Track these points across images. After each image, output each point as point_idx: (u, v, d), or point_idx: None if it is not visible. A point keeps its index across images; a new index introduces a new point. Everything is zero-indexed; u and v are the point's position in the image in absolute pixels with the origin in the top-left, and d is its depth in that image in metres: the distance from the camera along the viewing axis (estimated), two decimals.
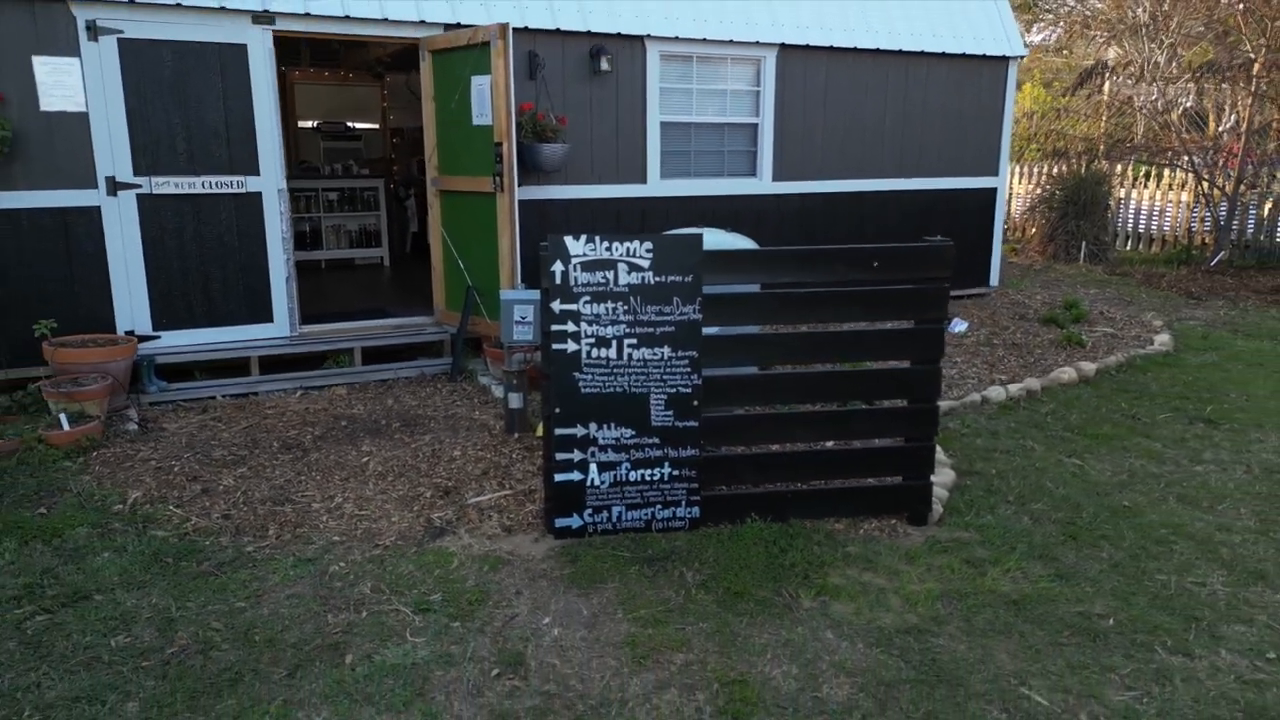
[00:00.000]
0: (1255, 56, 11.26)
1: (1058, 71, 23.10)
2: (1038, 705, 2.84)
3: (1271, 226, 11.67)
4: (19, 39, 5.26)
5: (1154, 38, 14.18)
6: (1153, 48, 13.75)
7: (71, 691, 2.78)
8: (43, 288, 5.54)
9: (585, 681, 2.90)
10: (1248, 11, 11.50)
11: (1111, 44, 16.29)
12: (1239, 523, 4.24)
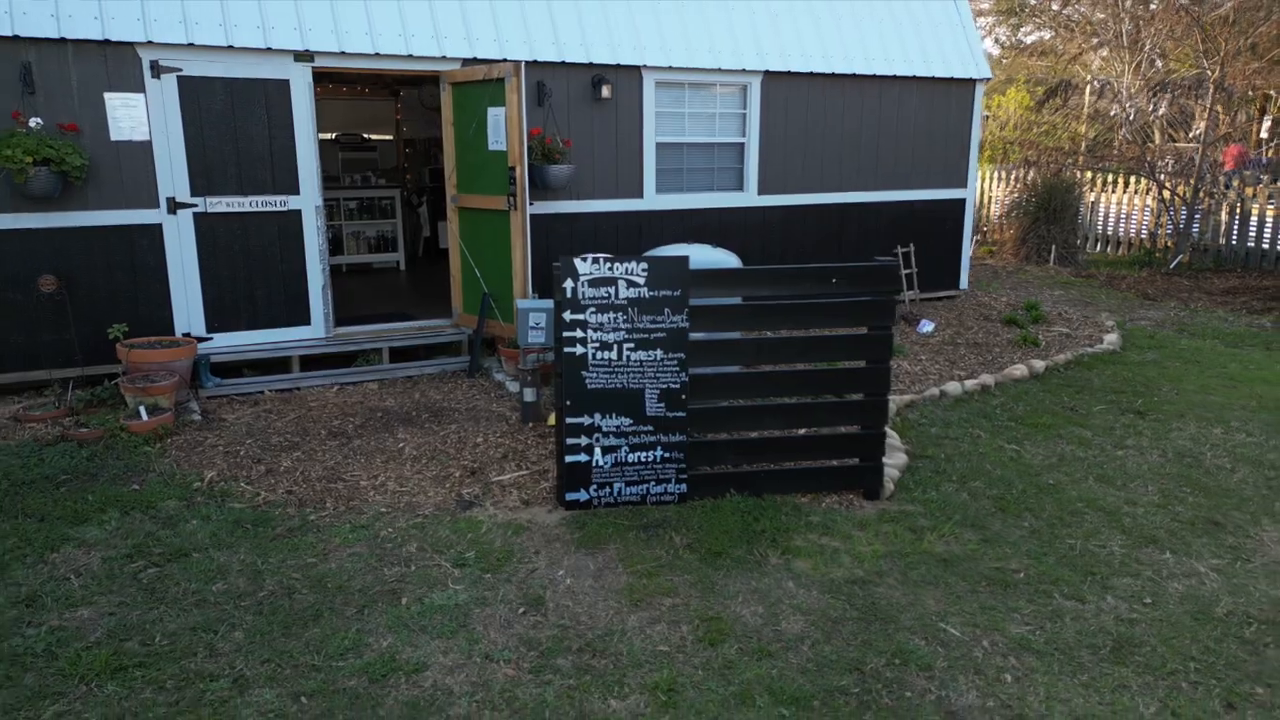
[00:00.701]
0: (1212, 74, 11.98)
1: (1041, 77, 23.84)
2: (951, 635, 3.57)
3: (1228, 231, 12.38)
4: (93, 78, 5.96)
5: (1135, 43, 14.85)
6: (1131, 56, 14.44)
7: (188, 624, 3.51)
8: (112, 295, 6.25)
9: (592, 618, 3.63)
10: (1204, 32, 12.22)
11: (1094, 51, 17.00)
12: (1144, 498, 4.96)
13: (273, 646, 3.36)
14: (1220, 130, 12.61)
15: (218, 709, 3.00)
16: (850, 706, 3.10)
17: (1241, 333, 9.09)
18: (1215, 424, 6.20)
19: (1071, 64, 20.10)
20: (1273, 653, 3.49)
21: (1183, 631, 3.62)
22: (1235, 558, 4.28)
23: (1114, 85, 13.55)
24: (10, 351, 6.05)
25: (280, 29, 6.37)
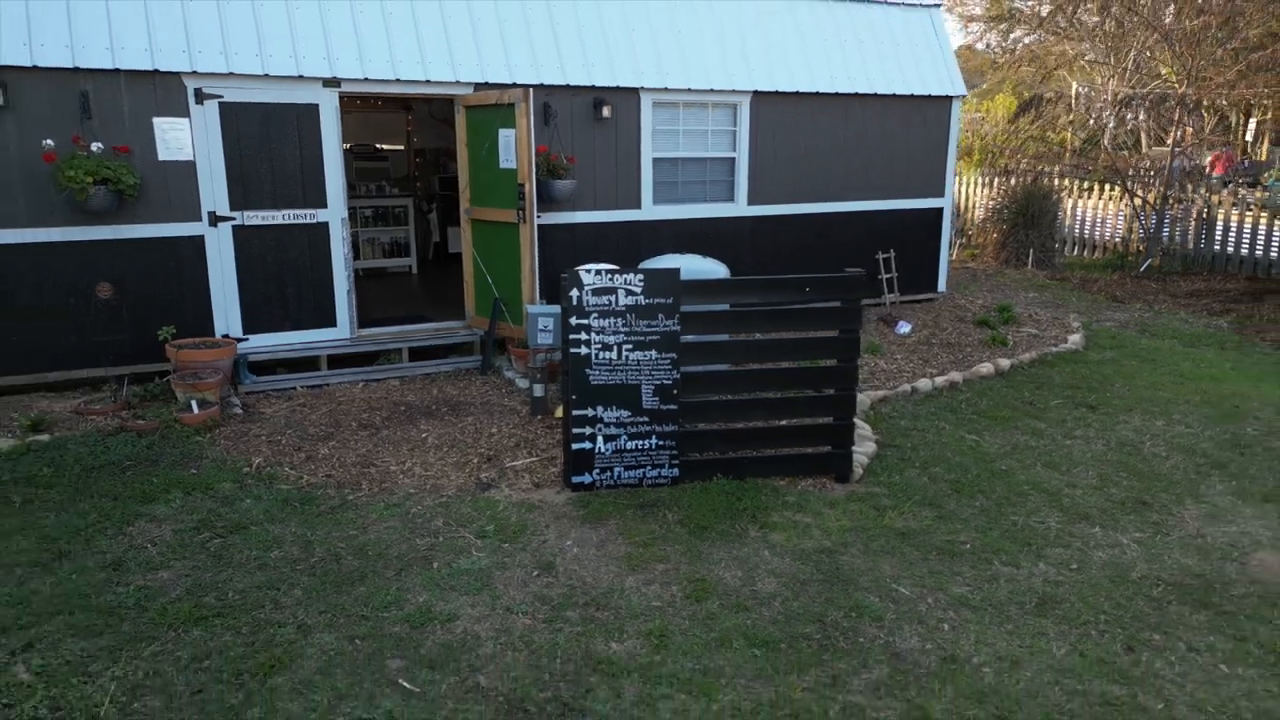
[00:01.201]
0: (1179, 87, 12.57)
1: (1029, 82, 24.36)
2: (901, 594, 4.17)
3: (1196, 237, 12.98)
4: (143, 104, 6.55)
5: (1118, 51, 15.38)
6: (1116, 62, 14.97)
7: (254, 583, 4.10)
8: (160, 300, 6.84)
9: (596, 579, 4.22)
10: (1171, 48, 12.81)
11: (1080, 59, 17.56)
12: (1084, 481, 5.56)
13: (327, 601, 3.96)
14: (1187, 140, 13.18)
15: (287, 648, 3.59)
16: (812, 649, 3.70)
17: (1199, 333, 9.69)
18: (1159, 417, 6.80)
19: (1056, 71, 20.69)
20: (1174, 608, 4.09)
21: (1100, 591, 4.22)
22: (1156, 532, 4.88)
23: (1087, 96, 14.14)
24: (70, 351, 6.65)
25: (310, 58, 6.96)
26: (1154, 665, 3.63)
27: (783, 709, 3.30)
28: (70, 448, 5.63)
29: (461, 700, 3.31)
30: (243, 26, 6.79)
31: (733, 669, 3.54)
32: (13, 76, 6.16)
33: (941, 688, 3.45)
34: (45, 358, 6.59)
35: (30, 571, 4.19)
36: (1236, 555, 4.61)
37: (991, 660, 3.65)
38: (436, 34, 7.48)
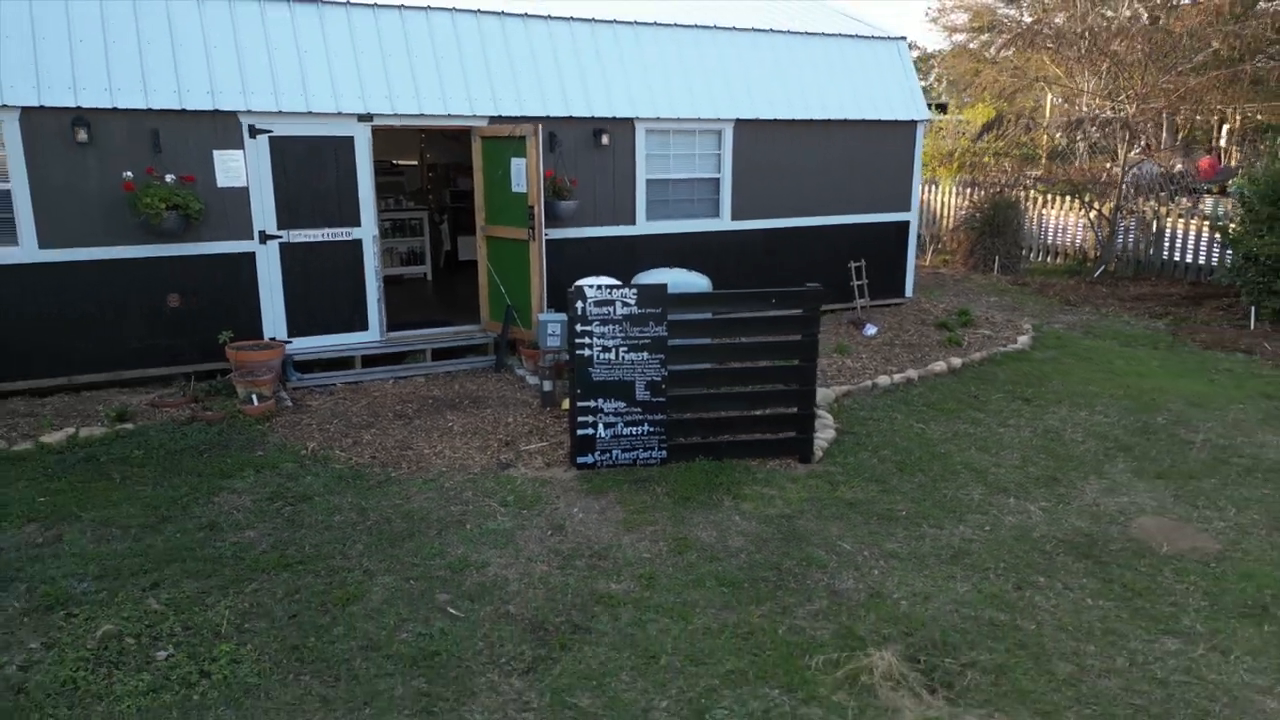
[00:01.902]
0: (1129, 106, 13.53)
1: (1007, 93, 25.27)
2: (844, 548, 5.12)
3: (1147, 244, 13.95)
4: (205, 139, 7.49)
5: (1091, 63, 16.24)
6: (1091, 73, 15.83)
7: (324, 540, 5.05)
8: (218, 308, 7.78)
9: (598, 537, 5.18)
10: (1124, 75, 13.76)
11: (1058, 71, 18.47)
12: (1008, 462, 6.53)
13: (384, 553, 4.91)
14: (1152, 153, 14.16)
15: (357, 586, 4.55)
16: (768, 588, 4.66)
17: (1137, 334, 10.66)
18: (1083, 408, 7.77)
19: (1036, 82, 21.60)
20: (1060, 559, 5.05)
21: (1003, 547, 5.19)
22: (1059, 502, 5.84)
23: (1061, 109, 15.05)
24: (142, 352, 7.58)
25: (347, 96, 7.90)
26: (1034, 599, 4.60)
27: (742, 629, 4.26)
28: (153, 434, 6.57)
29: (496, 623, 4.27)
30: (289, 70, 7.73)
31: (705, 601, 4.50)
32: (95, 116, 7.09)
33: (866, 614, 4.41)
34: (121, 358, 7.53)
35: (142, 531, 5.14)
36: (1122, 520, 5.58)
37: (908, 595, 4.61)
38: (455, 73, 8.42)
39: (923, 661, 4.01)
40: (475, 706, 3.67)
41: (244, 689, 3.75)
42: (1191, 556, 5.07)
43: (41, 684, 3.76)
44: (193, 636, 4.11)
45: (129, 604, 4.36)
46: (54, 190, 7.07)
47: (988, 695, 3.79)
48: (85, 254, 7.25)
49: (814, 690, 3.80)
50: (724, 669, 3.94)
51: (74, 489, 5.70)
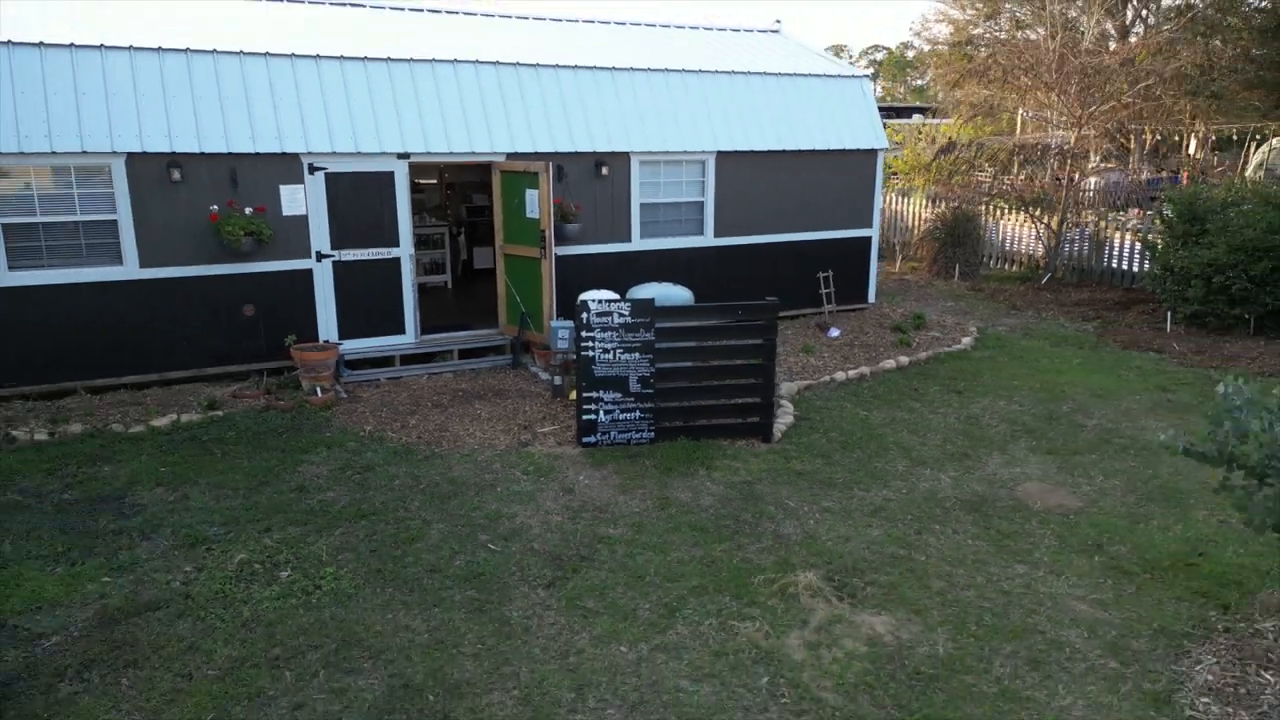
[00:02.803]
0: (1070, 132, 14.92)
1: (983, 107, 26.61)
2: (789, 505, 6.53)
3: (1089, 254, 15.33)
4: (273, 175, 8.88)
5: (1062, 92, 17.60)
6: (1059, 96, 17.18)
7: (388, 499, 6.46)
8: (282, 315, 9.17)
9: (599, 497, 6.58)
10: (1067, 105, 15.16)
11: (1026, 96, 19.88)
12: (931, 441, 7.93)
13: (436, 508, 6.32)
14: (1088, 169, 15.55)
15: (418, 530, 5.95)
16: (728, 532, 6.06)
17: (1068, 335, 12.06)
18: (1004, 399, 9.17)
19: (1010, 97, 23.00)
20: (955, 513, 6.45)
21: (915, 505, 6.59)
22: (965, 472, 7.25)
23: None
24: (222, 352, 8.98)
25: (389, 138, 9.29)
26: (927, 540, 6.01)
27: (706, 559, 5.67)
28: (239, 420, 7.98)
29: (524, 555, 5.68)
30: (341, 117, 9.12)
31: (680, 541, 5.91)
32: (185, 159, 8.48)
33: (800, 550, 5.82)
34: (204, 357, 8.92)
35: (248, 492, 6.55)
36: (1010, 485, 6.99)
37: (834, 538, 6.02)
38: (478, 116, 9.81)
39: (836, 580, 5.42)
40: (512, 608, 5.08)
41: (346, 596, 5.16)
42: (1056, 511, 6.48)
43: (201, 593, 5.17)
44: (303, 563, 5.52)
45: (251, 541, 5.78)
46: (151, 220, 8.47)
47: (879, 601, 5.21)
48: (176, 272, 8.64)
49: (755, 598, 5.21)
50: (691, 585, 5.35)
51: (186, 461, 7.11)
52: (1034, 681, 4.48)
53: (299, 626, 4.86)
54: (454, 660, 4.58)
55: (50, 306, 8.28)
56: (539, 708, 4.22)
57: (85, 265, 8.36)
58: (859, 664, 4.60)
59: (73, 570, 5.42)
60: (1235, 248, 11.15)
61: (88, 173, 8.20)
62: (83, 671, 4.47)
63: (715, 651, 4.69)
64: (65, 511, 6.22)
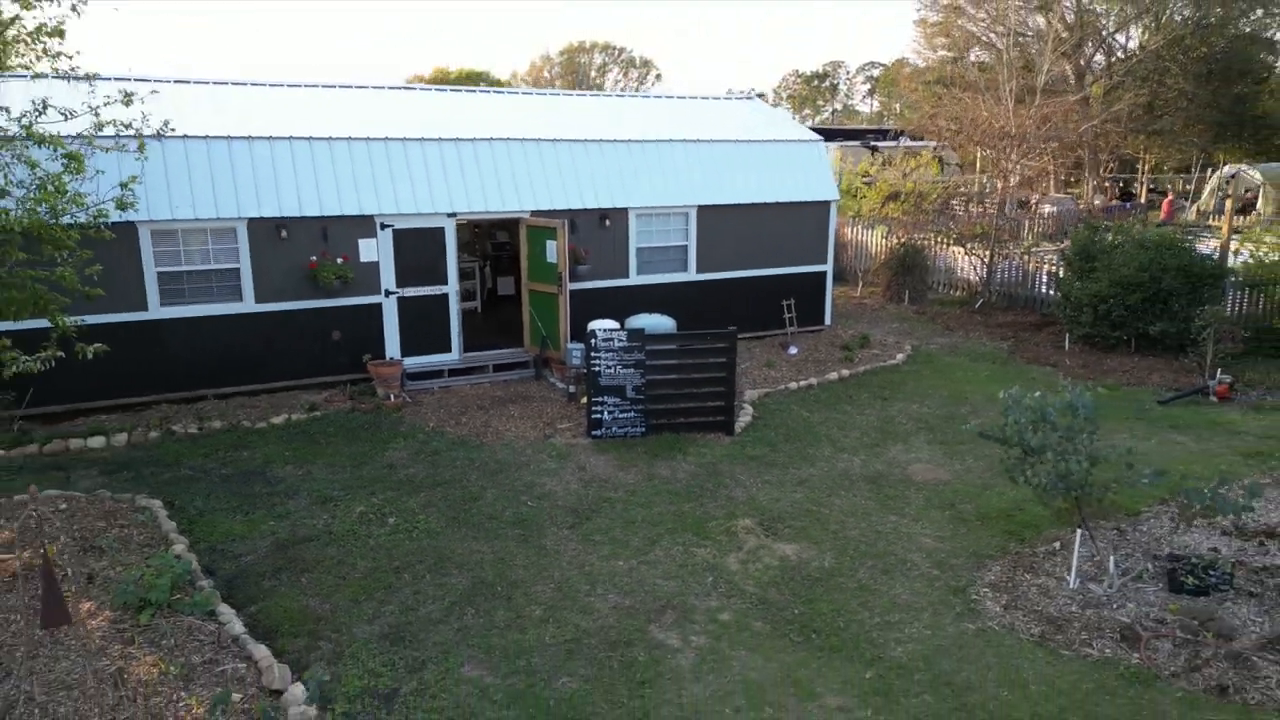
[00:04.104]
0: (1000, 182, 17.30)
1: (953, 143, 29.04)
2: (741, 479, 8.87)
3: (1016, 281, 17.67)
4: (353, 232, 11.25)
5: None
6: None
7: (453, 474, 8.82)
8: (360, 338, 11.53)
9: (605, 473, 8.94)
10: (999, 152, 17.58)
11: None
12: (853, 435, 10.27)
13: (489, 479, 8.69)
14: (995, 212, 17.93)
15: (478, 493, 8.31)
16: (695, 495, 8.41)
17: (986, 352, 14.40)
18: (917, 403, 11.51)
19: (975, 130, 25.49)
20: (857, 484, 8.80)
21: (830, 479, 8.93)
22: (872, 457, 9.59)
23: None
24: (315, 366, 11.35)
25: (440, 201, 11.68)
26: (833, 501, 8.35)
27: (678, 512, 8.01)
28: (333, 418, 10.36)
29: (552, 509, 8.03)
30: (404, 185, 11.51)
31: (661, 501, 8.26)
32: (290, 221, 10.87)
33: (743, 506, 8.17)
34: (302, 370, 11.30)
35: (352, 469, 8.92)
36: (903, 465, 9.33)
37: (768, 499, 8.36)
38: (509, 182, 12.21)
39: (765, 524, 7.77)
40: (546, 540, 7.44)
41: (434, 533, 7.52)
42: (931, 483, 8.83)
43: (338, 531, 7.54)
44: (402, 513, 7.89)
45: (363, 500, 8.15)
46: (264, 267, 10.86)
47: (791, 537, 7.56)
48: (282, 306, 11.03)
49: (709, 535, 7.56)
50: (666, 527, 7.70)
51: (302, 447, 9.48)
52: (882, 582, 6.83)
53: (407, 550, 7.23)
54: (510, 568, 6.95)
55: (189, 333, 10.66)
56: (566, 593, 6.58)
57: (215, 301, 10.75)
58: (772, 572, 6.96)
59: (249, 518, 7.80)
60: (1115, 282, 13.50)
61: (219, 233, 10.60)
62: (274, 575, 6.83)
63: (680, 564, 7.05)
64: (228, 481, 8.60)
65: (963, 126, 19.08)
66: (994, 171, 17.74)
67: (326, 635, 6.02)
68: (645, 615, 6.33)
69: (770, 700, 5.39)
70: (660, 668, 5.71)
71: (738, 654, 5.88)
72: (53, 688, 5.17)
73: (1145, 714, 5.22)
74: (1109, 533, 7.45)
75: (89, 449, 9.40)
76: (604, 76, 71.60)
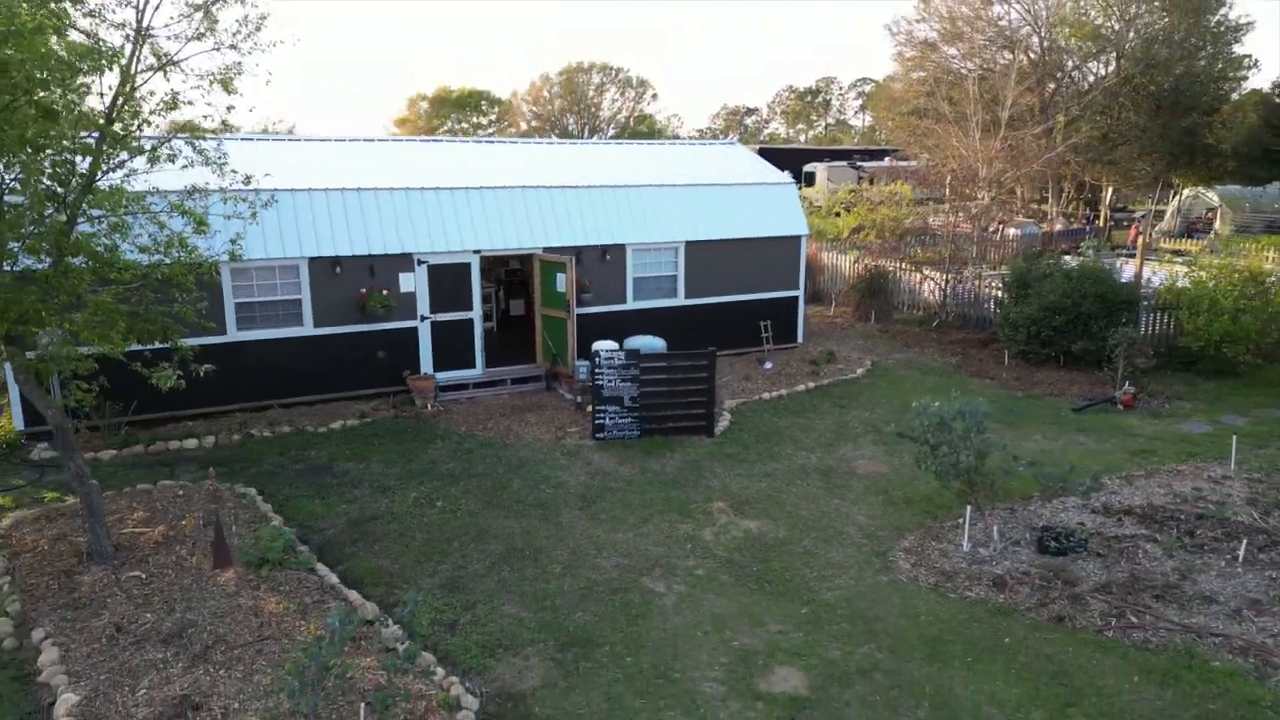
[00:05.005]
0: (952, 219, 19.22)
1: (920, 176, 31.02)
2: (718, 472, 10.72)
3: (969, 302, 19.54)
4: (394, 267, 13.10)
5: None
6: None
7: (484, 468, 10.65)
8: (400, 356, 13.36)
9: (607, 468, 10.77)
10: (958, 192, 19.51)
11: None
12: (813, 436, 12.11)
13: (513, 472, 10.52)
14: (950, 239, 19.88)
15: (506, 482, 10.15)
16: (680, 484, 10.25)
17: (936, 367, 16.26)
18: (869, 410, 13.36)
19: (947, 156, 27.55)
20: (811, 475, 10.63)
21: (790, 470, 10.78)
22: (826, 454, 11.44)
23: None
24: (362, 380, 13.17)
25: (467, 240, 13.55)
26: (791, 488, 10.20)
27: (666, 497, 9.85)
28: (380, 423, 12.19)
29: (566, 495, 9.87)
30: (437, 227, 13.38)
31: (652, 489, 10.10)
32: (343, 260, 12.72)
33: (718, 493, 10.00)
34: (351, 383, 13.12)
35: (402, 465, 10.74)
36: (850, 461, 11.17)
37: (737, 487, 10.20)
38: (524, 223, 14.08)
39: (735, 506, 9.61)
40: (561, 518, 9.27)
41: (474, 513, 9.35)
42: (871, 475, 10.68)
43: (397, 512, 9.37)
44: (447, 499, 9.72)
45: (414, 489, 9.98)
46: (321, 297, 12.70)
47: (755, 515, 9.40)
48: (336, 330, 12.87)
49: (689, 514, 9.40)
50: (656, 509, 9.55)
51: (359, 447, 11.30)
52: (822, 548, 8.68)
53: (453, 526, 9.07)
54: (535, 538, 8.78)
55: (259, 352, 12.50)
56: (579, 556, 8.42)
57: (280, 326, 12.60)
58: (737, 541, 8.80)
59: (324, 501, 9.62)
60: (1045, 307, 15.37)
61: (285, 270, 12.46)
62: (351, 544, 8.66)
63: (666, 535, 8.89)
64: (303, 474, 10.43)
65: (935, 157, 20.91)
66: (955, 202, 19.63)
67: (399, 585, 7.85)
68: (639, 571, 8.17)
69: (729, 627, 7.23)
70: (650, 606, 7.54)
71: (708, 597, 7.71)
72: (209, 617, 7.00)
73: (1000, 634, 7.07)
74: (1003, 511, 9.30)
75: (184, 449, 11.24)
76: (601, 95, 73.17)
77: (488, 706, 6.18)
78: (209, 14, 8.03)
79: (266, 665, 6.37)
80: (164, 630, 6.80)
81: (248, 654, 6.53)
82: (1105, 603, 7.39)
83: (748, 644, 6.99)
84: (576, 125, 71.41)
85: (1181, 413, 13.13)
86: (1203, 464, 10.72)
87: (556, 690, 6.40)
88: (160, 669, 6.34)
